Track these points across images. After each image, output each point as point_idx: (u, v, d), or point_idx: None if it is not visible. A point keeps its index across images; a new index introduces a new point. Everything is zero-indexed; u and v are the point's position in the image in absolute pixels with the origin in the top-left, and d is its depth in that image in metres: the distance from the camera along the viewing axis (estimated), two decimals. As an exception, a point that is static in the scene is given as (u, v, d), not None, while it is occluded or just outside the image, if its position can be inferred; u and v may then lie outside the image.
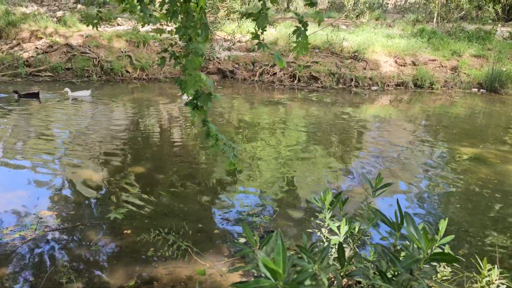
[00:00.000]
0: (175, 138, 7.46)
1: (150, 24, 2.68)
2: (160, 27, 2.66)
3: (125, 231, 4.06)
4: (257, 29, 2.20)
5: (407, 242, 2.04)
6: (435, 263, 2.33)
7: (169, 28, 2.74)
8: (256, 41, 2.25)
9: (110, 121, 8.27)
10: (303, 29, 2.06)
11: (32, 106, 8.99)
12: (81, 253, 3.69)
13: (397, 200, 1.98)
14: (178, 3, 2.32)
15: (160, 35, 2.75)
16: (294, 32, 2.09)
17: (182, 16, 2.41)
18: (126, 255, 3.69)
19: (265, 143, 7.14)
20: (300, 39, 2.05)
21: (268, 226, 4.28)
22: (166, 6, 2.47)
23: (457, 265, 3.18)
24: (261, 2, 2.08)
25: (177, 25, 2.34)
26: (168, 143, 7.11)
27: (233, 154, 2.63)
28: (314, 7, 1.99)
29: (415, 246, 1.76)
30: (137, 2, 2.70)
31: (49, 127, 7.64)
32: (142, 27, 14.06)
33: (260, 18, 2.13)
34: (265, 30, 2.18)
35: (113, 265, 3.55)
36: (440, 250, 1.89)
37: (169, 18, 2.41)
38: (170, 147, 6.91)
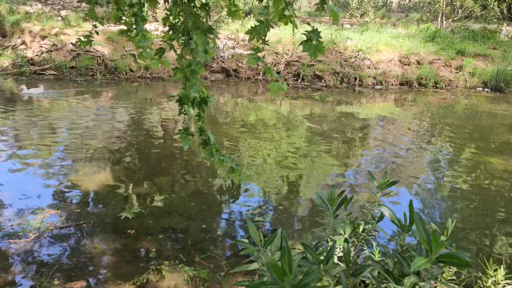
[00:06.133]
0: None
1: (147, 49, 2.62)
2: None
3: (128, 231, 4.06)
4: (257, 40, 2.03)
5: (414, 242, 2.01)
6: (442, 264, 2.31)
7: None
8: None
9: (114, 120, 8.27)
10: (314, 32, 1.95)
11: (35, 104, 9.01)
12: (83, 253, 3.68)
13: (410, 201, 1.94)
14: (181, 7, 2.25)
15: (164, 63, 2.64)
16: (306, 41, 1.96)
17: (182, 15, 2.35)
18: (129, 254, 3.68)
19: (268, 141, 7.12)
20: (314, 42, 1.94)
21: (271, 225, 4.27)
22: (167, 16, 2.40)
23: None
24: (265, 5, 1.96)
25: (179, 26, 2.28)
26: (171, 143, 7.09)
27: (235, 164, 2.59)
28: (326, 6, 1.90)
29: (423, 247, 1.74)
30: (134, 21, 2.64)
31: (53, 124, 7.65)
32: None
33: (262, 25, 2.00)
34: (267, 44, 2.04)
35: (116, 265, 3.54)
36: (447, 251, 1.87)
37: (169, 36, 2.35)
38: (173, 146, 6.90)
